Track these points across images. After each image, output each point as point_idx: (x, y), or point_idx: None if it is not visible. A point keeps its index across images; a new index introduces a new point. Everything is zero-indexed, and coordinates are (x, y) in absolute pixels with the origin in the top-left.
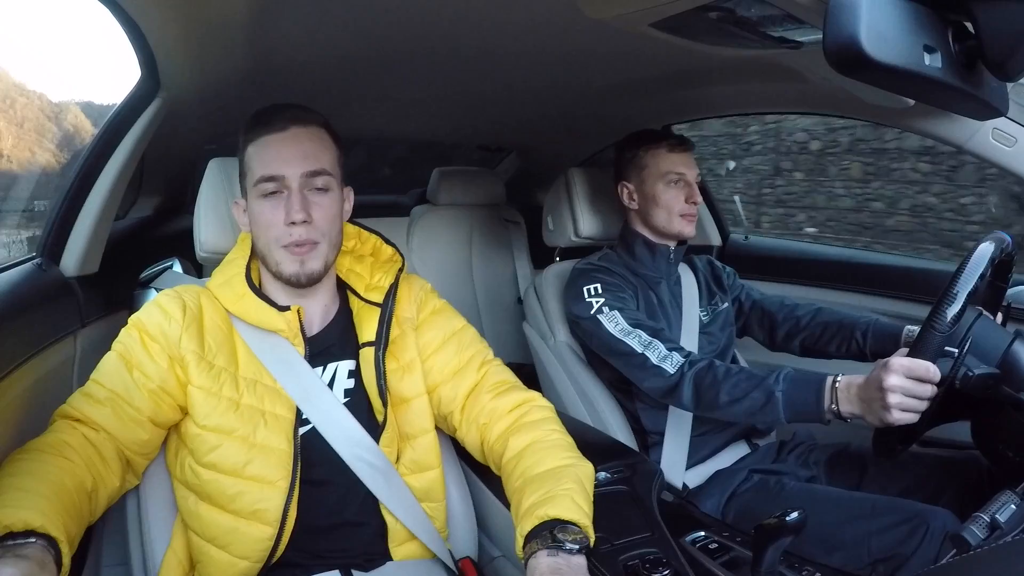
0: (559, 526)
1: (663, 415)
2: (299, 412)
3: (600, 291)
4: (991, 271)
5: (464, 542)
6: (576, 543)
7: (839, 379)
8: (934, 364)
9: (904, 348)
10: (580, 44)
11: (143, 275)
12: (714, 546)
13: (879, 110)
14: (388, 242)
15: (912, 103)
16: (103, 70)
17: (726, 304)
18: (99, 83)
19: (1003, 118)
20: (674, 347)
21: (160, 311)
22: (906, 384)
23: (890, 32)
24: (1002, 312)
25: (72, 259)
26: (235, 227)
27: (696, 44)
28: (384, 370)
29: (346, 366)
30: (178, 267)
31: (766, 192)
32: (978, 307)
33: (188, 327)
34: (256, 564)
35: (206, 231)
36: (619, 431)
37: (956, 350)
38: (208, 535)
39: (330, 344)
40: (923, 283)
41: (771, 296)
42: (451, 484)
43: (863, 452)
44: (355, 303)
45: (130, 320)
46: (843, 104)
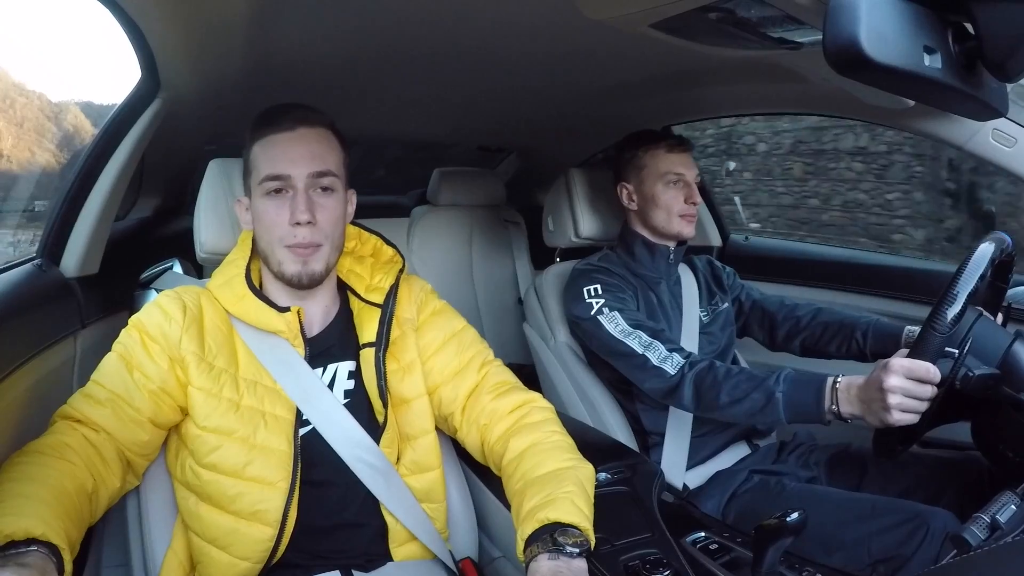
0: (560, 529)
1: (663, 416)
2: (299, 413)
3: (600, 292)
4: (991, 272)
5: (464, 543)
6: (577, 546)
7: (839, 380)
8: (934, 365)
9: (904, 349)
10: (580, 45)
11: (143, 276)
12: (714, 547)
13: (879, 111)
14: (388, 243)
15: (912, 104)
16: (103, 70)
17: (726, 304)
18: (99, 83)
19: (1003, 119)
20: (674, 348)
21: (160, 312)
22: (906, 385)
23: (890, 33)
24: (1002, 312)
25: (72, 260)
26: (235, 228)
27: (696, 45)
28: (384, 371)
29: (346, 367)
30: (178, 268)
31: (716, 191)
32: (978, 308)
33: (188, 328)
34: (256, 565)
35: (206, 232)
36: (619, 432)
37: (956, 351)
38: (208, 536)
39: (330, 345)
40: (923, 283)
41: (771, 296)
42: (451, 485)
43: (863, 453)
44: (355, 304)
45: (130, 321)
46: (843, 105)
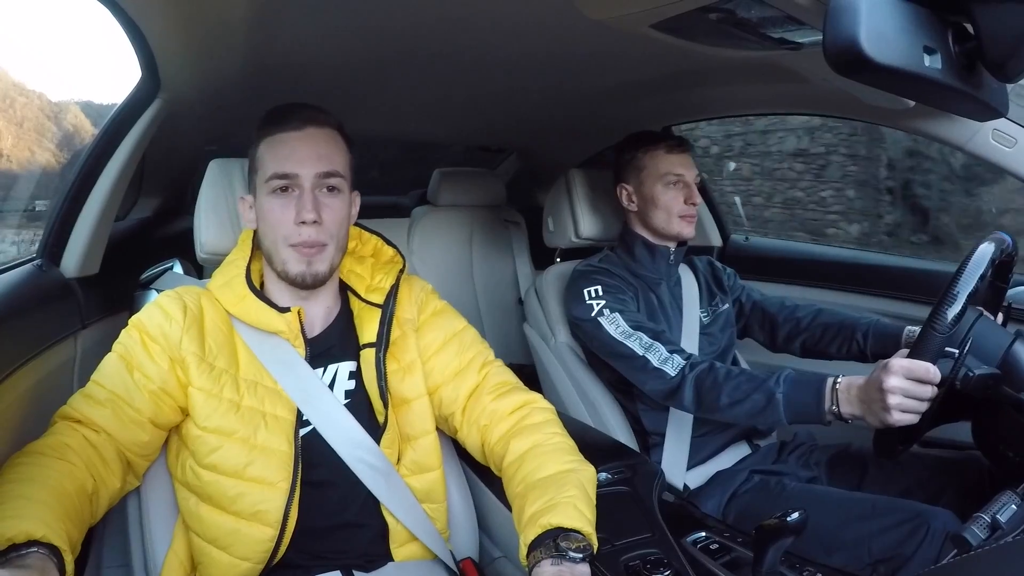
0: (562, 534)
1: (664, 416)
2: (299, 413)
3: (601, 293)
4: (991, 271)
5: (465, 543)
6: (579, 551)
7: (839, 380)
8: (934, 365)
9: (904, 349)
10: (580, 45)
11: (144, 276)
12: (715, 547)
13: (879, 111)
14: (389, 243)
15: (912, 104)
16: (103, 70)
17: (727, 305)
18: (99, 83)
19: (1003, 119)
20: (675, 349)
21: (161, 312)
22: (906, 385)
23: (890, 33)
24: (1002, 312)
25: (72, 260)
26: (235, 228)
27: (696, 45)
28: (385, 371)
29: (347, 367)
30: (178, 268)
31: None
32: (978, 308)
33: (189, 328)
34: (257, 565)
35: (206, 232)
36: (620, 432)
37: (956, 351)
38: (209, 536)
39: (331, 345)
40: (923, 283)
41: (772, 297)
42: (452, 485)
43: (864, 452)
44: (356, 304)
45: (131, 321)
46: (843, 105)
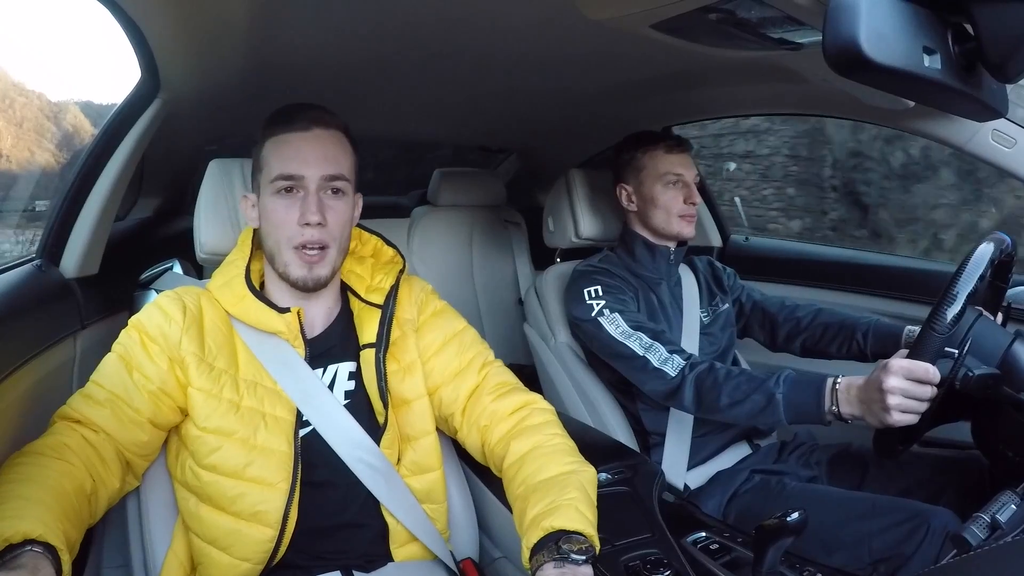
0: (564, 537)
1: (664, 416)
2: (299, 414)
3: (601, 293)
4: (991, 272)
5: (465, 543)
6: (582, 553)
7: (839, 381)
8: (934, 365)
9: (904, 349)
10: (580, 46)
11: (143, 276)
12: (715, 547)
13: (878, 111)
14: (389, 243)
15: (912, 104)
16: (103, 70)
17: (727, 305)
18: (99, 83)
19: (1003, 119)
20: (675, 349)
21: (160, 312)
22: (906, 386)
23: (890, 33)
24: (1002, 312)
25: (72, 260)
26: (235, 228)
27: (696, 46)
28: (385, 372)
29: (347, 368)
30: (178, 268)
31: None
32: (978, 308)
33: (188, 329)
34: (257, 566)
35: (206, 232)
36: (620, 432)
37: (956, 351)
38: (209, 537)
39: (331, 346)
40: (923, 283)
41: (772, 297)
42: (452, 485)
43: (864, 452)
44: (355, 304)
45: (130, 321)
46: (842, 106)
